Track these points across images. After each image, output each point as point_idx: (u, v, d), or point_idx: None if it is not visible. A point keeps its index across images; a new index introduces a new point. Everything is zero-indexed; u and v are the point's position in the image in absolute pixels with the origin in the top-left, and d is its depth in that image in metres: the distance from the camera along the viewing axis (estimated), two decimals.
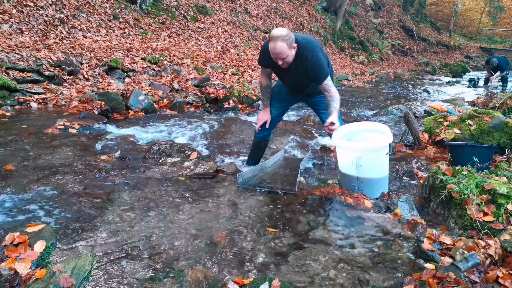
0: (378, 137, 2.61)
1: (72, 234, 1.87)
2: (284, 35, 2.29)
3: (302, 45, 2.42)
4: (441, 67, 17.98)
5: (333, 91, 2.50)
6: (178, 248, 1.82)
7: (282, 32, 2.30)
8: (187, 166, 2.87)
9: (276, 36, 2.29)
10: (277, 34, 2.30)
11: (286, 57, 2.36)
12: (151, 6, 9.24)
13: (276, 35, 2.30)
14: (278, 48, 2.30)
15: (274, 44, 2.30)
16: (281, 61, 2.38)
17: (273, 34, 2.31)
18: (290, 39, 2.32)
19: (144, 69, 6.41)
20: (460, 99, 8.03)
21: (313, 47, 2.44)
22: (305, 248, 1.89)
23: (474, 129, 3.51)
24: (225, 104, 5.92)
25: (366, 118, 6.11)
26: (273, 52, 2.35)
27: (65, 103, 4.52)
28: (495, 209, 2.05)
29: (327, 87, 2.50)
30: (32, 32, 6.20)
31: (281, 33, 2.30)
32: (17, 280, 1.48)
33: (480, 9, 30.73)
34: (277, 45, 2.29)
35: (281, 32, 2.30)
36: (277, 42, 2.29)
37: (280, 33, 2.29)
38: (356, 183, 2.59)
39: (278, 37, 2.28)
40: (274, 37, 2.30)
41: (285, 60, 2.39)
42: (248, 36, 11.65)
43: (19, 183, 2.37)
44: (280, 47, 2.30)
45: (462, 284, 1.56)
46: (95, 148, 3.29)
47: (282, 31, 2.31)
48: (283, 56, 2.35)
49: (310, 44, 2.45)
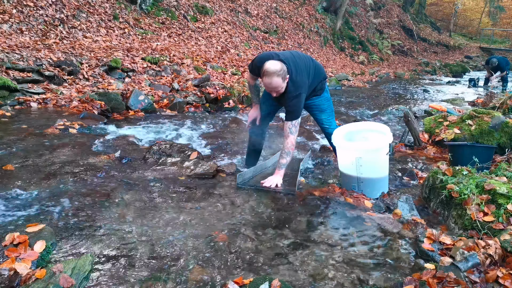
0: (378, 137, 2.61)
1: (72, 234, 1.87)
2: (278, 70, 2.32)
3: (292, 81, 2.47)
4: (441, 67, 17.98)
5: (289, 140, 2.57)
6: (178, 248, 1.82)
7: (277, 67, 2.33)
8: (187, 166, 2.87)
9: (271, 72, 2.32)
10: (272, 69, 2.32)
11: (280, 89, 2.43)
12: (151, 6, 9.24)
13: (271, 71, 2.32)
14: (274, 83, 2.36)
15: (270, 80, 2.35)
16: (275, 93, 2.46)
17: (267, 69, 2.34)
18: (284, 73, 2.37)
19: (144, 69, 6.41)
20: (460, 99, 8.03)
21: (300, 87, 2.50)
22: (305, 248, 1.89)
23: (474, 129, 3.51)
24: (225, 104, 5.92)
25: (366, 118, 6.11)
26: (268, 87, 2.42)
27: (65, 103, 4.52)
28: (495, 209, 2.05)
29: (288, 131, 2.57)
30: (32, 32, 6.20)
31: (276, 68, 2.33)
32: (17, 280, 1.48)
33: (480, 9, 30.73)
34: (273, 80, 2.35)
35: (275, 67, 2.33)
36: (273, 78, 2.34)
37: (275, 69, 2.32)
38: (356, 183, 2.59)
39: (273, 73, 2.32)
40: (269, 73, 2.33)
41: (278, 92, 2.46)
42: (248, 36, 11.65)
43: (19, 183, 2.37)
44: (276, 82, 2.36)
45: (462, 284, 1.56)
46: (95, 148, 3.29)
47: (276, 65, 2.34)
48: (278, 90, 2.42)
49: (298, 83, 2.50)
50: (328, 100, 2.93)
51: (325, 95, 2.89)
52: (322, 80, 2.81)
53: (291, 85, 2.47)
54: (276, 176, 2.62)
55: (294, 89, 2.48)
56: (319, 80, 2.76)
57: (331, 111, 2.96)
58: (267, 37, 12.51)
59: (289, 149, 2.59)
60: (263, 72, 2.37)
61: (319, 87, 2.81)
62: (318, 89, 2.80)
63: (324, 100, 2.89)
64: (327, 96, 2.92)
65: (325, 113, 2.91)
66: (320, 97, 2.85)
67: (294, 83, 2.47)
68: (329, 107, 2.93)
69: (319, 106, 2.88)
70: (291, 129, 2.57)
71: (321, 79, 2.78)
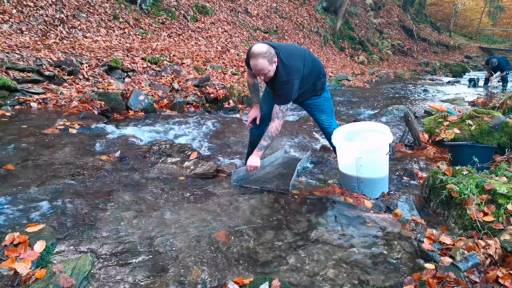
0: (378, 137, 2.61)
1: (72, 234, 1.87)
2: (264, 52, 2.31)
3: (283, 64, 2.44)
4: (441, 67, 17.98)
5: (274, 124, 2.56)
6: (178, 248, 1.82)
7: (262, 49, 2.32)
8: (187, 166, 2.87)
9: (256, 53, 2.32)
10: (257, 51, 2.32)
11: (267, 72, 2.40)
12: (151, 6, 9.24)
13: (256, 52, 2.32)
14: (260, 65, 2.34)
15: (256, 62, 2.33)
16: (263, 76, 2.43)
17: (253, 51, 2.33)
18: (271, 55, 2.35)
19: (144, 69, 6.41)
20: (460, 99, 8.03)
21: (292, 72, 2.47)
22: (305, 248, 1.89)
23: (474, 129, 3.51)
24: (225, 104, 5.92)
25: (366, 118, 6.11)
26: (254, 69, 2.40)
27: (65, 103, 4.52)
28: (495, 209, 2.05)
29: (275, 115, 2.57)
30: (32, 32, 6.20)
31: (261, 50, 2.32)
32: (17, 280, 1.48)
33: (480, 9, 30.73)
34: (258, 62, 2.33)
35: (261, 49, 2.32)
36: (258, 60, 2.32)
37: (260, 50, 2.31)
38: (356, 183, 2.59)
39: (258, 55, 2.31)
40: (254, 55, 2.32)
41: (266, 75, 2.43)
42: (248, 36, 11.65)
43: (19, 183, 2.37)
44: (261, 64, 2.33)
45: (462, 284, 1.56)
46: (95, 148, 3.29)
47: (262, 47, 2.33)
48: (264, 72, 2.39)
49: (290, 68, 2.47)
50: (328, 100, 2.93)
51: (325, 95, 2.88)
52: (321, 77, 2.79)
53: (282, 69, 2.44)
54: (253, 157, 2.61)
55: (285, 73, 2.45)
56: (317, 74, 2.74)
57: (331, 111, 2.96)
58: (267, 37, 12.51)
59: (272, 133, 2.58)
60: (250, 54, 2.36)
61: (319, 87, 2.79)
62: (318, 89, 2.79)
63: (324, 100, 2.88)
64: (327, 96, 2.91)
65: (325, 113, 2.91)
66: (320, 97, 2.85)
67: (286, 67, 2.45)
68: (329, 107, 2.93)
69: (319, 106, 2.88)
70: (278, 114, 2.55)
71: (319, 75, 2.76)
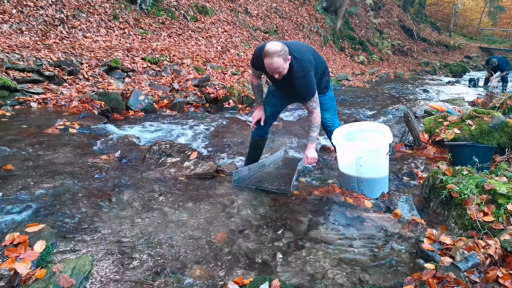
0: (378, 137, 2.61)
1: (72, 234, 1.87)
2: (279, 50, 2.31)
3: (296, 59, 2.44)
4: (441, 67, 17.98)
5: (315, 114, 2.58)
6: (178, 248, 1.82)
7: (277, 47, 2.32)
8: (187, 166, 2.87)
9: (272, 52, 2.31)
10: (273, 50, 2.31)
11: (282, 70, 2.40)
12: (151, 6, 9.24)
13: (271, 51, 2.31)
14: (275, 63, 2.33)
15: (271, 60, 2.32)
16: (278, 74, 2.42)
17: (268, 49, 2.32)
18: (285, 53, 2.35)
19: (144, 69, 6.41)
20: (460, 99, 8.02)
21: (307, 65, 2.47)
22: (305, 248, 1.89)
23: (474, 129, 3.51)
24: (225, 104, 5.92)
25: (366, 118, 6.11)
26: (270, 68, 2.38)
27: (65, 103, 4.52)
28: (495, 209, 2.05)
29: (311, 108, 2.58)
30: (32, 32, 6.20)
31: (276, 48, 2.31)
32: (17, 280, 1.48)
33: (480, 9, 30.73)
34: (274, 61, 2.32)
35: (276, 48, 2.31)
36: (273, 58, 2.31)
37: (275, 49, 2.31)
38: (356, 183, 2.59)
39: (274, 53, 2.30)
40: (269, 53, 2.32)
41: (281, 73, 2.43)
42: (248, 36, 11.65)
43: (19, 183, 2.37)
44: (277, 62, 2.33)
45: (462, 284, 1.56)
46: (95, 148, 3.29)
47: (277, 46, 2.33)
48: (279, 71, 2.39)
49: (303, 62, 2.47)
50: (332, 99, 2.94)
51: (329, 94, 2.89)
52: (326, 75, 2.81)
53: (296, 65, 2.44)
54: (310, 150, 2.62)
55: (300, 68, 2.45)
56: (322, 71, 2.76)
57: (334, 110, 2.96)
58: (267, 37, 12.51)
59: (317, 122, 2.60)
60: (264, 53, 2.35)
61: (324, 85, 2.81)
62: (323, 87, 2.80)
63: (328, 99, 2.89)
64: (331, 95, 2.92)
65: (328, 112, 2.91)
66: (325, 95, 2.85)
67: (299, 62, 2.45)
68: (332, 106, 2.94)
69: (323, 105, 2.87)
70: (313, 105, 2.57)
71: (324, 71, 2.78)
